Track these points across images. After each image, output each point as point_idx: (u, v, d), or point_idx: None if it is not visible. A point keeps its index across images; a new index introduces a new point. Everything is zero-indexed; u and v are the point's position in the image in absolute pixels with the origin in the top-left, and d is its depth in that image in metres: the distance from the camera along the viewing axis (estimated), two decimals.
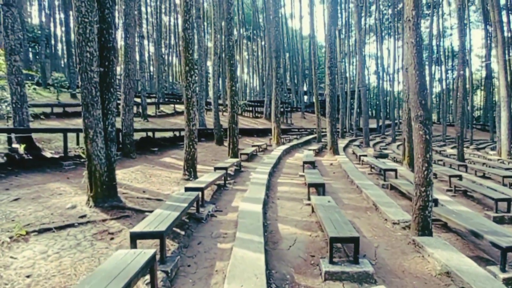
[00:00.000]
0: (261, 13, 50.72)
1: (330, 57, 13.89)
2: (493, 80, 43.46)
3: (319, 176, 8.15)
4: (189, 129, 8.44)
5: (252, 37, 51.32)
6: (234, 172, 10.37)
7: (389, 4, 47.10)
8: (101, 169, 5.25)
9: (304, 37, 53.50)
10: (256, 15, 47.69)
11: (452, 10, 44.52)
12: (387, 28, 48.53)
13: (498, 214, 6.95)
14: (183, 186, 7.79)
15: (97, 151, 5.15)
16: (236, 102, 11.29)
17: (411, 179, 9.65)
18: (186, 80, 8.36)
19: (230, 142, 11.30)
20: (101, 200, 5.33)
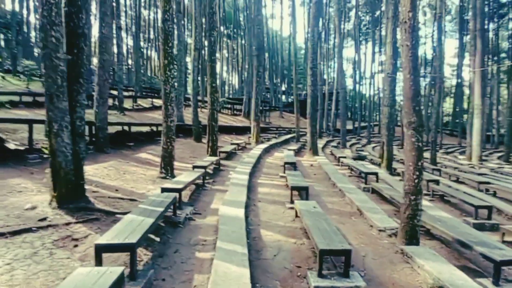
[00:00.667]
0: (242, 12, 50.13)
1: (312, 57, 13.61)
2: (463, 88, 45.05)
3: (302, 178, 7.80)
4: (167, 125, 7.84)
5: (232, 35, 50.63)
6: (213, 171, 9.85)
7: (367, 11, 47.94)
8: (66, 167, 4.61)
9: (284, 38, 53.38)
10: (237, 14, 47.03)
11: (428, 20, 45.84)
12: (365, 33, 49.37)
13: (478, 221, 6.85)
14: (159, 185, 7.22)
15: (62, 147, 4.51)
16: (216, 99, 10.77)
17: (391, 183, 9.52)
18: (165, 74, 7.75)
19: (209, 140, 10.75)
20: (66, 201, 4.69)
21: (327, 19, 37.07)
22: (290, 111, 45.00)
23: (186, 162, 10.84)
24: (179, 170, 9.47)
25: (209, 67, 10.58)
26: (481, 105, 19.29)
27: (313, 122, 13.98)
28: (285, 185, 8.60)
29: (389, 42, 12.55)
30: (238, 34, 49.53)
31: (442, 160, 20.95)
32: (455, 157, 26.85)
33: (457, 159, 23.31)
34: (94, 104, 9.98)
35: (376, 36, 50.67)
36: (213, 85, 10.53)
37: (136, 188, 6.97)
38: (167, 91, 7.76)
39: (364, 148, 26.04)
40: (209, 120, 10.72)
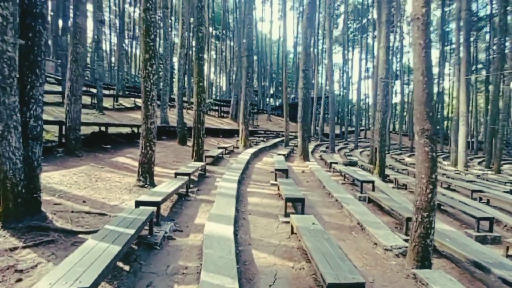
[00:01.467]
0: (231, 14, 49.38)
1: (305, 60, 12.94)
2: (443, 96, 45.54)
3: (296, 187, 7.05)
4: (147, 127, 6.96)
5: (221, 36, 49.73)
6: (198, 178, 8.99)
7: (354, 19, 48.08)
8: (14, 177, 3.71)
9: (273, 42, 52.87)
10: (226, 15, 46.21)
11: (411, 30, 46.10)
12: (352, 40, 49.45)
13: (480, 233, 6.31)
14: (136, 196, 6.34)
15: (9, 153, 3.61)
16: (203, 100, 9.93)
17: (387, 192, 8.91)
18: (145, 69, 6.88)
19: (195, 143, 9.88)
20: (13, 219, 3.79)
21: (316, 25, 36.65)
22: (278, 114, 44.47)
23: (169, 168, 9.94)
24: (160, 177, 8.59)
25: (196, 65, 9.74)
26: (466, 112, 19.12)
27: (304, 126, 13.29)
28: (277, 195, 7.85)
29: (383, 46, 12.02)
30: (226, 35, 48.68)
31: None
32: (439, 162, 26.79)
33: (442, 165, 23.16)
34: (65, 102, 8.97)
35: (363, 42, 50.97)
36: (200, 85, 9.69)
37: (108, 199, 6.06)
38: (147, 89, 6.89)
39: (352, 152, 25.65)
40: (195, 122, 9.86)
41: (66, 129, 8.83)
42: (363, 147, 32.97)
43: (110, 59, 38.95)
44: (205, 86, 9.54)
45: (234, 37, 43.81)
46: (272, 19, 44.27)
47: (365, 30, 47.63)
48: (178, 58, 14.06)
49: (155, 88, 7.03)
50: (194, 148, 9.89)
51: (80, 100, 9.43)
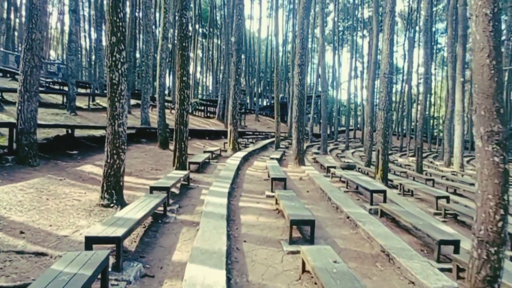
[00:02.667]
0: (219, 11, 47.80)
1: (301, 53, 11.63)
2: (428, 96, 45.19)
3: (300, 204, 5.69)
4: (113, 130, 5.48)
5: (208, 34, 48.02)
6: (181, 189, 7.53)
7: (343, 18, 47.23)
8: None
9: (262, 40, 51.52)
10: (214, 12, 44.57)
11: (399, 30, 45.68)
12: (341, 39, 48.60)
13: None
14: (98, 220, 4.89)
15: None
16: (187, 98, 8.46)
17: (399, 202, 7.69)
18: (112, 56, 5.40)
19: (177, 148, 8.39)
20: None
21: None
22: (266, 114, 43.17)
23: (146, 177, 8.44)
24: (134, 190, 7.10)
25: (180, 56, 8.27)
26: (462, 111, 18.26)
27: (300, 127, 11.98)
28: (276, 210, 6.48)
29: (386, 38, 10.83)
30: (214, 33, 47.03)
31: (425, 167, 19.73)
32: (431, 162, 26.05)
33: (436, 166, 22.33)
34: (17, 100, 7.36)
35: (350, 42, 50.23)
36: (184, 79, 8.23)
37: (57, 227, 4.55)
38: (114, 81, 5.41)
39: (343, 153, 24.62)
40: (177, 123, 8.38)
41: (17, 132, 7.21)
42: (353, 147, 32.04)
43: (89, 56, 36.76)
44: (190, 82, 8.08)
45: (222, 35, 42.28)
46: (261, 16, 42.91)
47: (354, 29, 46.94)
48: (159, 52, 12.52)
49: (125, 80, 5.55)
50: (176, 153, 8.40)
51: (36, 97, 7.82)
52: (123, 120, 5.55)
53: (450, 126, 20.76)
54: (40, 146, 8.51)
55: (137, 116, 18.63)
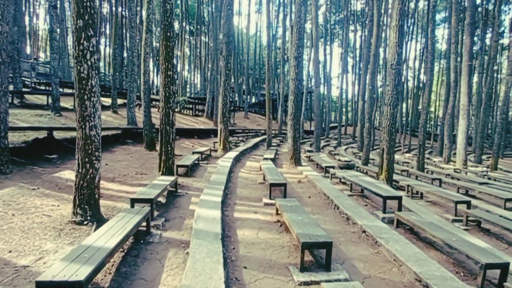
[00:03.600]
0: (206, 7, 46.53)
1: (297, 44, 10.78)
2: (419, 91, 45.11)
3: (310, 219, 4.86)
4: (84, 134, 4.54)
5: (195, 31, 46.71)
6: (167, 198, 6.62)
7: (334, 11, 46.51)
8: None
9: (250, 37, 50.49)
10: (201, 8, 43.28)
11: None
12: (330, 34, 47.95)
13: None
14: (68, 242, 3.98)
15: None
16: (172, 94, 7.52)
17: (415, 210, 6.95)
18: (79, 45, 4.45)
19: (163, 151, 7.45)
20: None
21: None
22: (255, 111, 42.30)
23: (130, 183, 7.50)
24: (115, 199, 6.17)
25: (164, 47, 7.32)
26: (467, 105, 17.70)
27: (296, 125, 11.15)
28: (277, 222, 5.65)
29: (395, 25, 10.03)
30: (201, 30, 45.74)
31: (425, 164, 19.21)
32: (428, 159, 25.65)
33: (435, 162, 21.88)
34: None
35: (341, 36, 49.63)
36: (169, 74, 7.29)
37: (19, 253, 3.63)
38: (82, 75, 4.46)
39: (336, 150, 23.99)
40: (162, 123, 7.44)
41: None
42: (345, 143, 31.52)
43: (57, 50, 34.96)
44: (175, 77, 7.12)
45: (210, 32, 41.14)
46: (249, 12, 41.89)
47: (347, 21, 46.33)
48: (143, 46, 11.48)
49: (96, 74, 4.61)
50: (162, 157, 7.46)
51: (6, 97, 6.79)
52: (95, 122, 4.61)
53: (450, 121, 20.22)
54: (17, 150, 7.54)
55: (124, 116, 17.56)
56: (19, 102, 14.67)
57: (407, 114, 44.59)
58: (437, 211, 7.54)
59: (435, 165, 19.23)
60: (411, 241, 5.05)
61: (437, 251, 4.95)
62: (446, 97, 23.01)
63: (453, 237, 4.65)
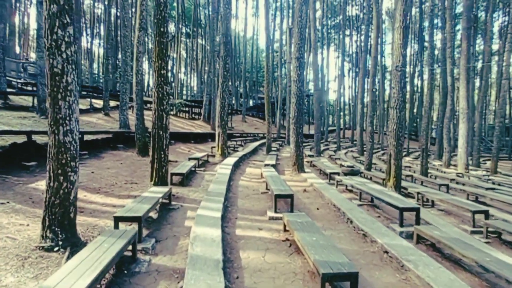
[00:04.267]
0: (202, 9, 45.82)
1: (299, 45, 10.08)
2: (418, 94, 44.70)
3: (327, 240, 4.10)
4: (57, 140, 3.75)
5: (192, 34, 45.96)
6: (160, 212, 5.82)
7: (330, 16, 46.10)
8: None
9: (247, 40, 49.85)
10: (198, 10, 42.54)
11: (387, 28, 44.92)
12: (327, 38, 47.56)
13: None
14: (31, 276, 3.17)
15: None
16: (166, 96, 6.74)
17: (433, 222, 6.23)
18: (51, 35, 3.68)
19: (155, 159, 6.65)
20: None
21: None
22: (253, 115, 41.59)
23: (118, 195, 6.68)
24: (98, 216, 5.36)
25: (157, 44, 6.55)
26: (467, 109, 17.14)
27: (299, 129, 10.41)
28: (285, 241, 4.87)
29: (399, 26, 9.41)
30: (198, 33, 44.98)
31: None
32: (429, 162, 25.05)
33: (435, 166, 21.27)
34: None
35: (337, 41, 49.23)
36: (162, 73, 6.53)
37: None
38: (55, 70, 3.68)
39: (336, 154, 23.31)
40: (155, 127, 6.65)
41: None
42: (344, 147, 30.86)
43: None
44: (169, 76, 6.33)
45: (206, 34, 40.48)
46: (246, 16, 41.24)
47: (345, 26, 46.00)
48: (136, 44, 10.69)
49: (73, 69, 3.82)
50: (154, 165, 6.66)
51: None
52: (71, 126, 3.82)
53: (449, 124, 19.68)
54: None
55: (116, 118, 16.72)
56: (3, 103, 13.78)
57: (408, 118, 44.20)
58: (452, 222, 6.86)
59: (437, 169, 18.59)
60: (436, 260, 4.31)
61: (466, 272, 4.23)
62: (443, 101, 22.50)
63: (486, 257, 3.93)
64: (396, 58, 9.53)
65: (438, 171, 17.96)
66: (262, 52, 61.69)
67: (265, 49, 19.05)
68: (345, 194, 8.55)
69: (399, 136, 9.53)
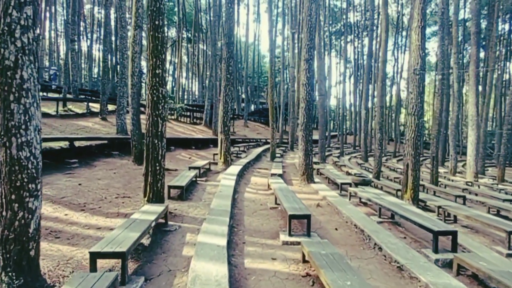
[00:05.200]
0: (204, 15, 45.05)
1: (308, 46, 9.12)
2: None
3: (355, 276, 3.09)
4: (9, 156, 2.74)
5: (193, 39, 45.12)
6: (153, 237, 4.79)
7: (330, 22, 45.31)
8: None
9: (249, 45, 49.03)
10: (199, 15, 41.74)
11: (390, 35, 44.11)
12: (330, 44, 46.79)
13: None
14: None
15: None
16: (162, 98, 5.72)
17: (469, 246, 5.22)
18: (5, 17, 2.68)
19: (149, 171, 5.62)
20: None
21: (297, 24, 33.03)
22: (255, 120, 40.59)
23: (106, 213, 5.65)
24: (74, 245, 4.33)
25: (151, 39, 5.57)
26: (476, 116, 16.18)
27: (308, 136, 9.40)
28: (305, 276, 3.85)
29: (417, 26, 8.47)
30: (199, 38, 44.15)
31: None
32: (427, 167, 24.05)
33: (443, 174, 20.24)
34: None
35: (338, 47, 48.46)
36: (157, 72, 5.55)
37: None
38: (7, 63, 2.69)
39: (340, 160, 22.31)
40: (149, 135, 5.64)
41: None
42: (347, 153, 29.86)
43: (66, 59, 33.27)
44: (164, 75, 5.32)
45: (208, 39, 39.62)
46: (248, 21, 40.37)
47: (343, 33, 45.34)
48: (131, 44, 9.73)
49: (31, 62, 2.83)
50: (148, 178, 5.63)
51: None
52: (28, 137, 2.81)
53: (455, 131, 18.73)
54: None
55: (114, 123, 15.74)
56: None
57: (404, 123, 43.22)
58: (482, 241, 5.88)
59: (444, 177, 17.58)
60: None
61: None
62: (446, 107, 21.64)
63: None
64: (415, 61, 8.57)
65: (446, 179, 16.95)
66: (263, 57, 60.94)
67: (269, 52, 18.12)
68: (361, 208, 7.54)
69: (417, 145, 8.53)
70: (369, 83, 28.41)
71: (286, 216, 6.07)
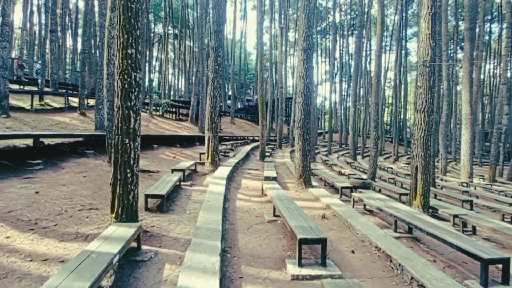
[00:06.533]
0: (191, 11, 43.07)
1: (306, 34, 7.86)
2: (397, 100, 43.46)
3: None
4: None
5: (179, 35, 43.06)
6: (117, 272, 3.42)
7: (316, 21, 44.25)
8: None
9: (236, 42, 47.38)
10: (186, 11, 39.76)
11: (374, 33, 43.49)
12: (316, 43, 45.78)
13: None
14: None
15: None
16: (136, 86, 4.28)
17: None
18: None
19: (119, 180, 4.19)
20: None
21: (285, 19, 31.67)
22: (241, 117, 39.14)
23: (60, 234, 4.21)
24: (7, 279, 2.88)
25: (122, 10, 4.13)
26: (470, 114, 15.42)
27: (306, 134, 8.15)
28: None
29: (427, 13, 7.37)
30: (186, 34, 42.15)
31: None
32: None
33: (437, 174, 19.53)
34: None
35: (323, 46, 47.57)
36: (129, 53, 4.14)
37: None
38: None
39: (328, 158, 21.35)
40: (117, 132, 4.23)
41: None
42: (335, 151, 28.97)
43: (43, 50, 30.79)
44: (139, 57, 3.89)
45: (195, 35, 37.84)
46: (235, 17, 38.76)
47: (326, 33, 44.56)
48: (107, 27, 8.10)
49: None
50: (117, 189, 4.21)
51: None
52: None
53: (445, 130, 18.00)
54: None
55: (93, 119, 14.06)
56: None
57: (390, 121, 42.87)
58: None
59: (437, 177, 16.81)
60: None
61: None
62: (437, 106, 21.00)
63: None
64: (424, 51, 7.46)
65: (439, 179, 16.19)
66: (250, 54, 59.41)
67: (258, 45, 16.70)
68: (368, 216, 6.39)
69: (428, 145, 7.44)
70: (357, 80, 27.57)
71: (289, 234, 4.80)
